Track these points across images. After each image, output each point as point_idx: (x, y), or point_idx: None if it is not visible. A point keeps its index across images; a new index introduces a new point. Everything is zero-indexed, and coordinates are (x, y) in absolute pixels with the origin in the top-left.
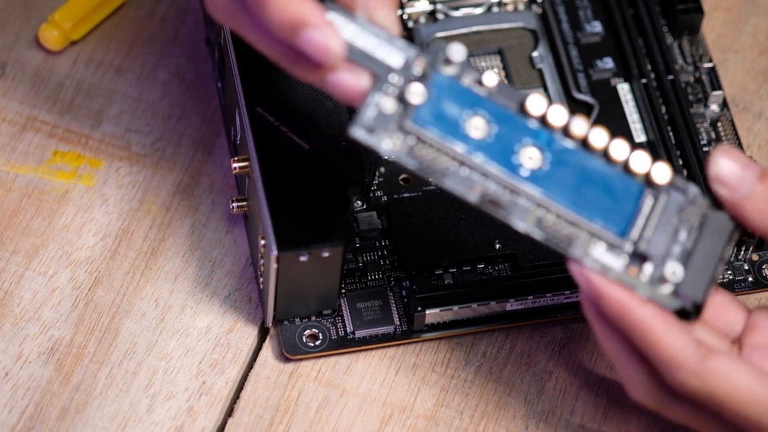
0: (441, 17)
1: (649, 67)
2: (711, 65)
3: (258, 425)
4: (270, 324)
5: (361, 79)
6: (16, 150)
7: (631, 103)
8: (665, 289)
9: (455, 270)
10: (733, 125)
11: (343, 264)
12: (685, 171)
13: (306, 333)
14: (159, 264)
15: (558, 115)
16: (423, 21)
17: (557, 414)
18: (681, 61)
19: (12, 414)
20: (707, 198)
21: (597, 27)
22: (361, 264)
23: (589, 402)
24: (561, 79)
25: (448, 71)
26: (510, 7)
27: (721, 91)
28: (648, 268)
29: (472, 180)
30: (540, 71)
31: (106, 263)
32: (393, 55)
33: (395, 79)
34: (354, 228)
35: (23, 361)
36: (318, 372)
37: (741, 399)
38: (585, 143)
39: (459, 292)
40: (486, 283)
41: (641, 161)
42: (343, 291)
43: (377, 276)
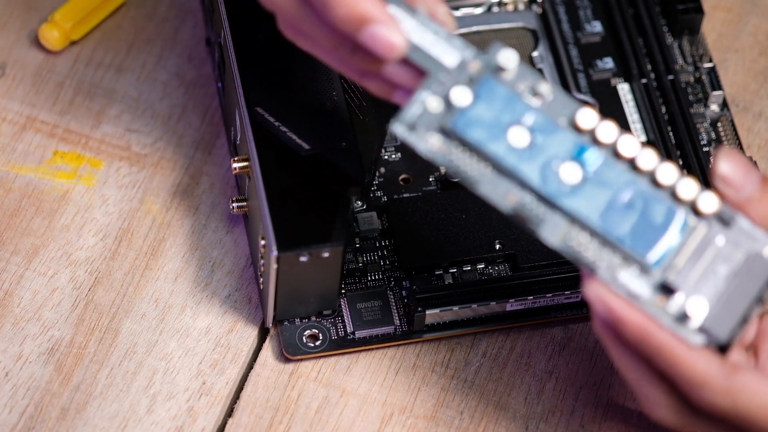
0: None
1: (649, 67)
2: (711, 65)
3: (258, 425)
4: (270, 324)
5: (412, 76)
6: (16, 150)
7: (631, 103)
8: (691, 324)
9: (455, 270)
10: (733, 125)
11: (343, 264)
12: (685, 171)
13: (306, 333)
14: (159, 264)
15: (607, 132)
16: None
17: (557, 414)
18: (681, 61)
19: (12, 414)
20: (756, 230)
21: (597, 27)
22: (361, 264)
23: (589, 402)
24: (561, 79)
25: (500, 76)
26: (510, 7)
27: (721, 91)
28: (678, 298)
29: (507, 189)
30: (540, 71)
31: (106, 263)
32: (449, 54)
33: (446, 79)
34: (354, 228)
35: (23, 362)
36: (318, 372)
37: None
38: (632, 164)
39: (459, 292)
40: (486, 284)
41: (688, 188)
42: (343, 291)
43: (377, 276)
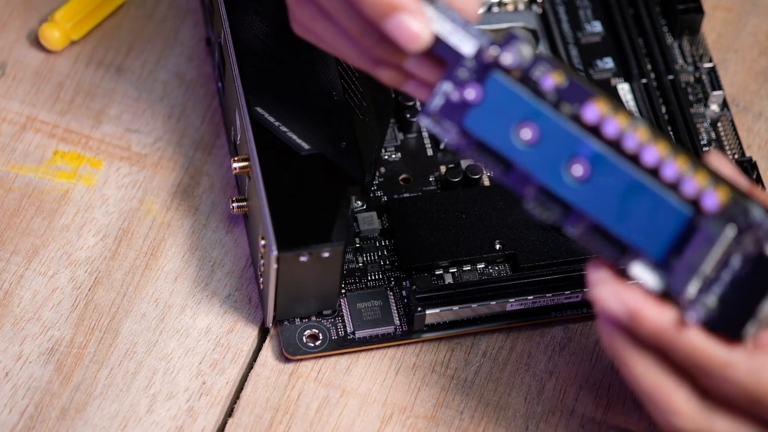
0: None
1: (649, 67)
2: (711, 65)
3: (258, 425)
4: (270, 324)
5: (430, 67)
6: (16, 150)
7: (632, 103)
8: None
9: (455, 270)
10: (733, 125)
11: (343, 264)
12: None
13: (306, 333)
14: (159, 264)
15: (613, 127)
16: None
17: (557, 414)
18: (681, 61)
19: (12, 414)
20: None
21: (597, 27)
22: (361, 264)
23: (589, 402)
24: None
25: (510, 69)
26: (510, 7)
27: (721, 91)
28: (691, 288)
29: (526, 180)
30: None
31: (106, 263)
32: (466, 42)
33: (467, 67)
34: (354, 228)
35: (23, 362)
36: (318, 372)
37: None
38: (636, 159)
39: (459, 292)
40: (486, 284)
41: (692, 183)
42: (343, 291)
43: (377, 276)
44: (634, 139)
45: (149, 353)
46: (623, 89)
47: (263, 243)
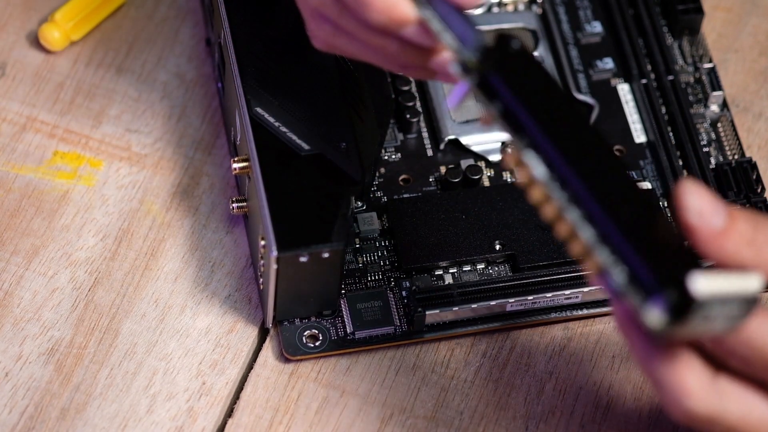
0: None
1: (649, 68)
2: (711, 65)
3: (258, 426)
4: (270, 324)
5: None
6: (16, 150)
7: (631, 104)
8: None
9: (455, 270)
10: (733, 126)
11: (343, 264)
12: (685, 171)
13: (306, 333)
14: (159, 264)
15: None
16: None
17: (557, 414)
18: (681, 62)
19: (12, 414)
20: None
21: (597, 27)
22: (361, 264)
23: (589, 402)
24: (561, 80)
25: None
26: (510, 7)
27: (721, 92)
28: None
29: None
30: None
31: (106, 264)
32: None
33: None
34: (354, 228)
35: (23, 362)
36: (318, 373)
37: None
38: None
39: (459, 292)
40: (486, 284)
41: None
42: (343, 291)
43: (377, 277)
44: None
45: (149, 353)
46: (623, 90)
47: (263, 243)
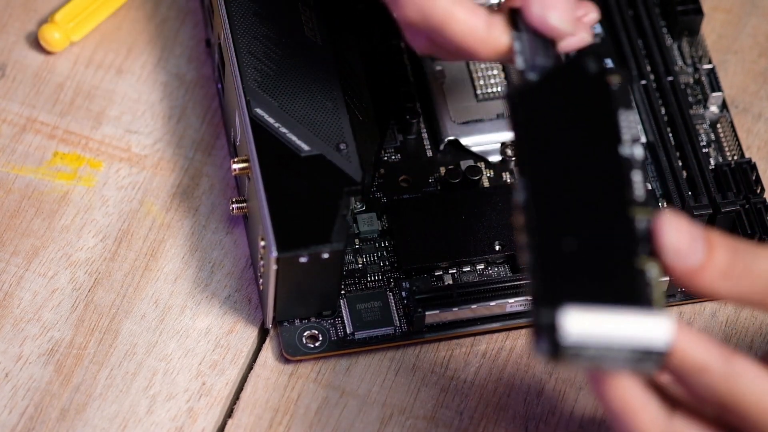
0: None
1: (649, 69)
2: (710, 66)
3: (258, 426)
4: (270, 325)
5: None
6: (16, 151)
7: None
8: None
9: (455, 271)
10: (733, 126)
11: (343, 265)
12: (685, 173)
13: (306, 334)
14: (159, 265)
15: None
16: None
17: (557, 414)
18: (680, 63)
19: (12, 415)
20: None
21: (597, 28)
22: (361, 265)
23: (589, 403)
24: None
25: None
26: None
27: (721, 93)
28: None
29: None
30: None
31: (105, 264)
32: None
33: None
34: (354, 229)
35: (23, 362)
36: (318, 373)
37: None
38: None
39: (459, 293)
40: (486, 284)
41: None
42: (343, 292)
43: (377, 277)
44: None
45: (149, 354)
46: None
47: (263, 244)
